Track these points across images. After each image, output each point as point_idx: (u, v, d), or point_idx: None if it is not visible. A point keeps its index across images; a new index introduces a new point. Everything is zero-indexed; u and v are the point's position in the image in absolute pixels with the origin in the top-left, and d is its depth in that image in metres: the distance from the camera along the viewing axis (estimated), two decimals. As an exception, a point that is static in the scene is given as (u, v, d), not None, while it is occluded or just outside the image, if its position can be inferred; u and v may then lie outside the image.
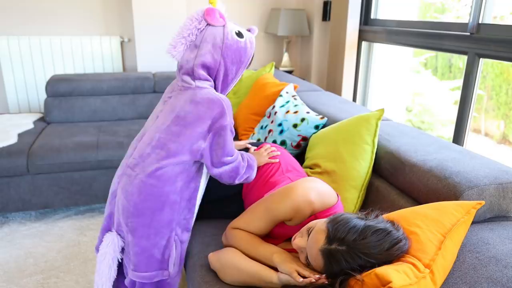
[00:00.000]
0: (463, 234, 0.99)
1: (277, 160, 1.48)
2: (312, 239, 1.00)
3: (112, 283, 1.29)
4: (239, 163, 1.31)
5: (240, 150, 1.60)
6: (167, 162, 1.20)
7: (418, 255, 0.94)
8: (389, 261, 0.94)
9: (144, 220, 1.21)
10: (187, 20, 1.24)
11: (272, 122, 1.97)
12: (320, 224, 1.01)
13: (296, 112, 1.89)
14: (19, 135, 2.48)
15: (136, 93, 2.96)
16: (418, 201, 1.29)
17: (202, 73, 1.25)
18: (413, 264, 0.91)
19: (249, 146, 1.62)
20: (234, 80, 1.31)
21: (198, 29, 1.23)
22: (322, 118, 1.84)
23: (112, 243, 1.26)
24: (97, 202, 2.45)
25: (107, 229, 1.32)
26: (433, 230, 0.97)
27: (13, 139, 2.37)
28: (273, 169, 1.46)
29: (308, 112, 1.87)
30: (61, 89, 2.80)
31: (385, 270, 0.87)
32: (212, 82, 1.27)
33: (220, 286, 1.17)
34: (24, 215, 2.46)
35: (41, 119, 2.85)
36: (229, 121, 1.23)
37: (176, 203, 1.24)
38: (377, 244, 0.92)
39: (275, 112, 1.97)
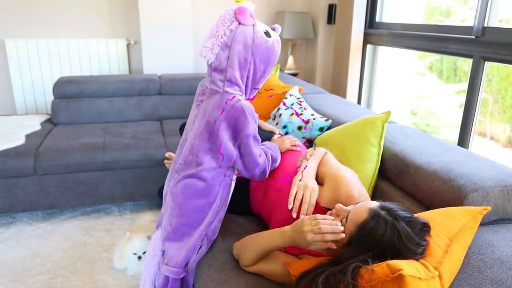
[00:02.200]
0: (470, 238, 0.99)
1: (298, 149, 1.52)
2: (362, 204, 1.03)
3: (153, 279, 1.38)
4: (266, 164, 1.37)
5: (265, 132, 1.67)
6: (204, 166, 1.28)
7: (425, 259, 0.94)
8: (402, 255, 0.94)
9: (186, 220, 1.28)
10: (219, 21, 1.24)
11: (277, 124, 1.98)
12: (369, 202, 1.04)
13: (301, 114, 1.90)
14: (27, 136, 2.50)
15: (142, 95, 2.98)
16: (422, 203, 1.29)
17: (235, 74, 1.26)
18: (424, 264, 0.92)
19: (276, 131, 1.69)
20: (262, 78, 1.34)
21: (230, 29, 1.23)
22: (326, 120, 1.85)
23: (155, 240, 1.38)
24: (103, 203, 2.47)
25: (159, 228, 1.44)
26: (440, 234, 0.98)
27: (20, 140, 2.40)
28: (285, 171, 1.46)
29: (312, 115, 1.88)
30: (68, 91, 2.83)
31: (397, 261, 0.89)
32: (242, 85, 1.29)
33: (227, 285, 1.18)
34: (31, 215, 2.48)
35: (48, 121, 2.87)
36: (252, 129, 1.27)
37: (217, 205, 1.32)
38: (415, 236, 0.94)
39: (280, 115, 1.98)
